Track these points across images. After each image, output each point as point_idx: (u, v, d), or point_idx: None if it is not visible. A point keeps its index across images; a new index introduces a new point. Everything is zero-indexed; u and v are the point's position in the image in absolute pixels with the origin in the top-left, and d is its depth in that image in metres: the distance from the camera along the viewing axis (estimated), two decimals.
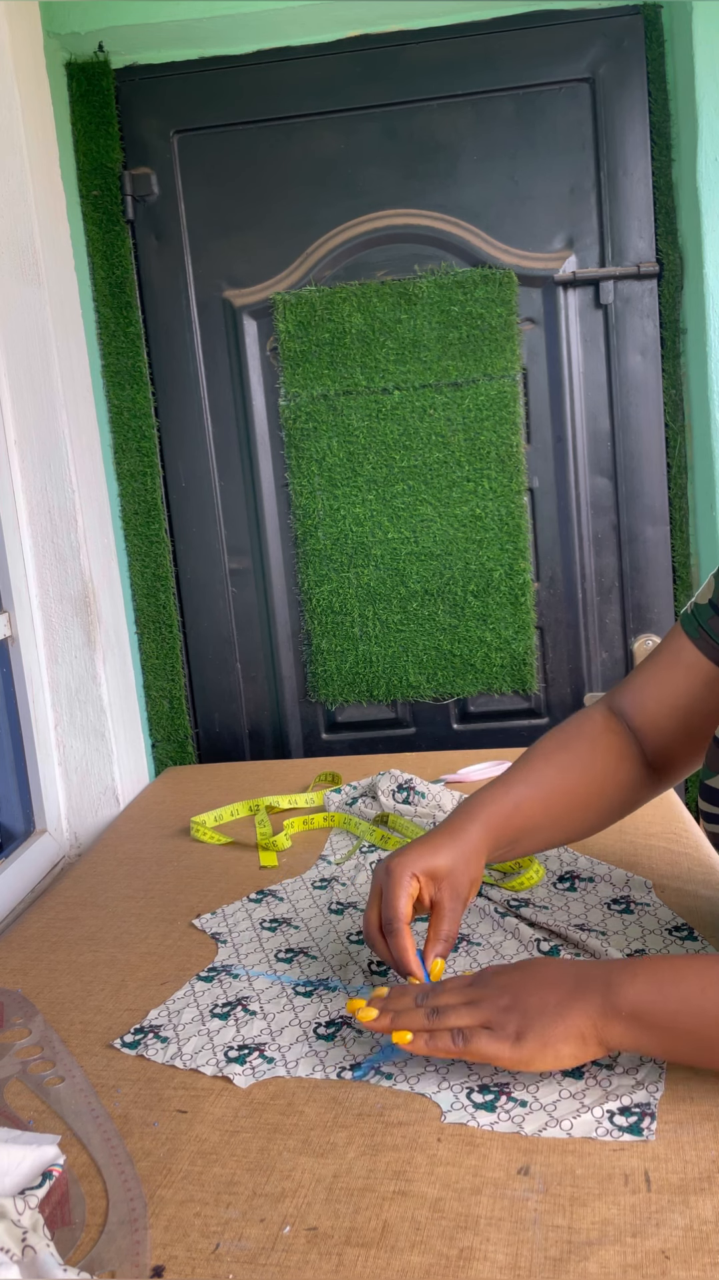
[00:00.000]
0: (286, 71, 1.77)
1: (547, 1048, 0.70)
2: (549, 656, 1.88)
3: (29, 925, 1.14)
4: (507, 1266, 0.58)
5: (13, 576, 1.55)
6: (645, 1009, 0.69)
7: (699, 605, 0.93)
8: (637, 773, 0.96)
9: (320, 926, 1.05)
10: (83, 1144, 0.72)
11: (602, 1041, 0.70)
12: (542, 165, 1.76)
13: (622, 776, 0.96)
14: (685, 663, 0.93)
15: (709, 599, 0.92)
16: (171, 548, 1.90)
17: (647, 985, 0.70)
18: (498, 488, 1.81)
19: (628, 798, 0.97)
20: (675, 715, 0.94)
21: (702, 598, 0.93)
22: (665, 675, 0.95)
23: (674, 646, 0.94)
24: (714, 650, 0.91)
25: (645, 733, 0.96)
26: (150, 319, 1.85)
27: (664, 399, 1.80)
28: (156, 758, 1.93)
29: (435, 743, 1.92)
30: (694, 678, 0.92)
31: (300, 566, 1.87)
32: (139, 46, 1.77)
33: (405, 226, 1.79)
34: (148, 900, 1.18)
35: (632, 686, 0.98)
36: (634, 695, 0.97)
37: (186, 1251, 0.61)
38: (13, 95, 1.48)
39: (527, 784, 0.93)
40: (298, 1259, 0.60)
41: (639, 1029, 0.69)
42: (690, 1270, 0.57)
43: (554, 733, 0.98)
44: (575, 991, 0.71)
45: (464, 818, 0.90)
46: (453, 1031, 0.72)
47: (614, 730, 0.96)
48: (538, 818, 0.92)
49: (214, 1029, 0.86)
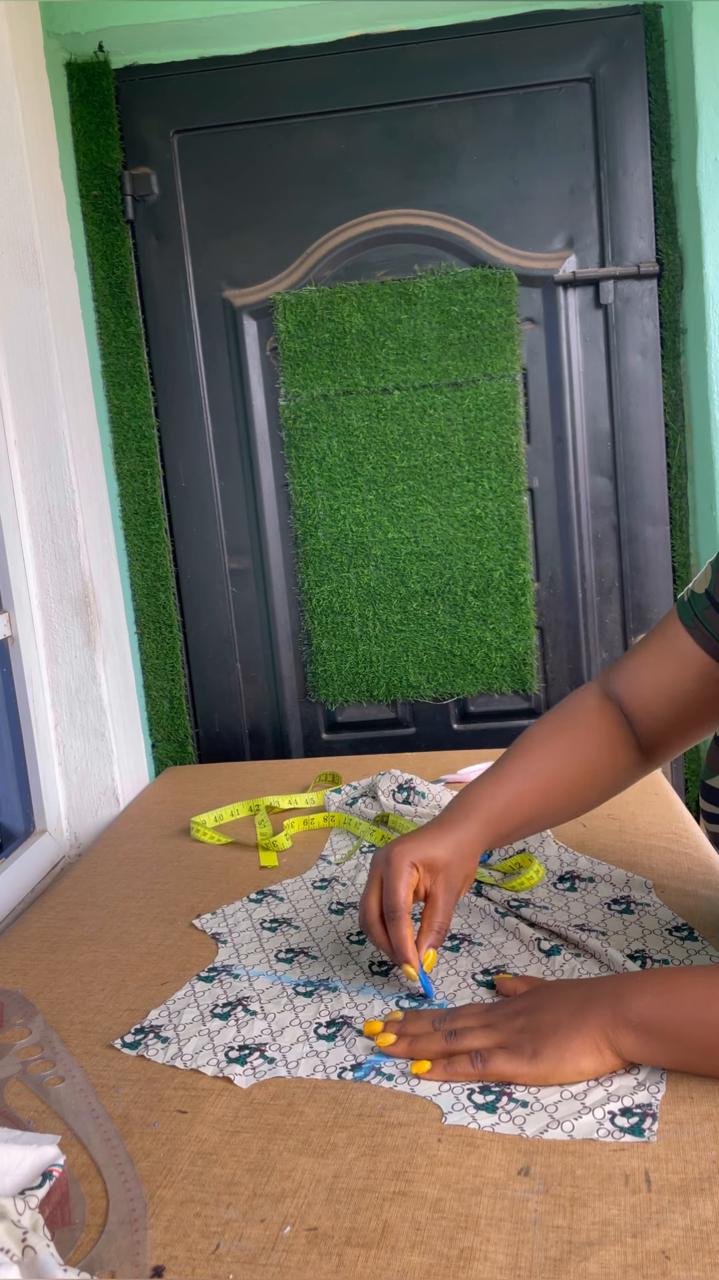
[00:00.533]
0: (286, 71, 1.77)
1: (564, 1062, 0.72)
2: (549, 656, 1.88)
3: (29, 925, 1.14)
4: (507, 1267, 0.58)
5: (13, 576, 1.55)
6: (653, 1021, 0.70)
7: (695, 594, 0.93)
8: (628, 756, 0.97)
9: (321, 927, 1.05)
10: (83, 1144, 0.72)
11: (616, 1052, 0.72)
12: (542, 165, 1.76)
13: (614, 759, 0.96)
14: (680, 650, 0.93)
15: (706, 589, 0.91)
16: (171, 548, 1.90)
17: (654, 998, 0.71)
18: (498, 488, 1.81)
19: (619, 779, 0.98)
20: (669, 701, 0.94)
21: (698, 586, 0.93)
22: (659, 661, 0.95)
23: (670, 633, 0.94)
24: (708, 640, 0.91)
25: (638, 716, 0.96)
26: (150, 319, 1.85)
27: (664, 399, 1.80)
28: (156, 758, 1.93)
29: (435, 743, 1.92)
30: (688, 665, 0.92)
31: (300, 566, 1.87)
32: (139, 46, 1.77)
33: (405, 226, 1.79)
34: (148, 900, 1.18)
35: (625, 669, 0.98)
36: (628, 679, 0.97)
37: (186, 1251, 0.61)
38: (13, 95, 1.48)
39: (524, 774, 0.94)
40: (298, 1259, 0.60)
41: (649, 1040, 0.71)
42: (691, 1270, 0.57)
43: (549, 717, 0.99)
44: (586, 1006, 0.73)
45: (462, 813, 0.91)
46: (471, 1055, 0.74)
47: (608, 714, 0.97)
48: (534, 809, 0.94)
49: (215, 1029, 0.86)
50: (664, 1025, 0.70)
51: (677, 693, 0.93)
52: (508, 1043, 0.74)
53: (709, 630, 0.91)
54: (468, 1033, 0.76)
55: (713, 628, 0.90)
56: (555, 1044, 0.72)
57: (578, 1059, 0.72)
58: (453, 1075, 0.74)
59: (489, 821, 0.91)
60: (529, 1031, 0.74)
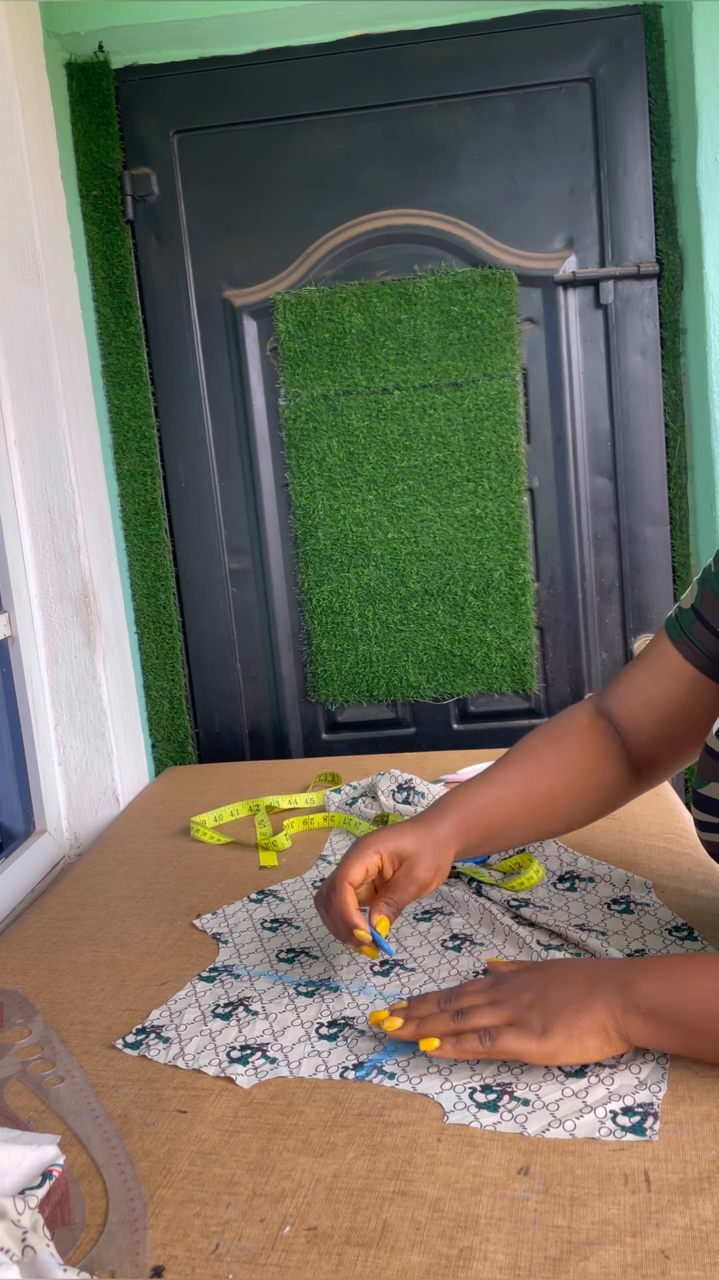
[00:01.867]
0: (286, 71, 1.77)
1: (572, 1040, 0.72)
2: (549, 656, 1.88)
3: (29, 925, 1.14)
4: (507, 1266, 0.58)
5: (13, 576, 1.55)
6: (660, 1006, 0.71)
7: (683, 610, 0.95)
8: (618, 773, 0.98)
9: (321, 927, 1.05)
10: (83, 1144, 0.72)
11: (623, 1036, 0.72)
12: (542, 165, 1.76)
13: (603, 776, 0.98)
14: (669, 667, 0.95)
15: (692, 604, 0.94)
16: (171, 548, 1.90)
17: (660, 984, 0.72)
18: (498, 488, 1.81)
19: (608, 797, 0.99)
20: (659, 718, 0.96)
21: (685, 602, 0.95)
22: (649, 678, 0.97)
23: (659, 650, 0.96)
24: (696, 655, 0.93)
25: (629, 734, 0.98)
26: (150, 319, 1.85)
27: (664, 399, 1.80)
28: (156, 758, 1.93)
29: (435, 743, 1.92)
30: (678, 682, 0.94)
31: (300, 566, 1.87)
32: (139, 46, 1.77)
33: (405, 226, 1.79)
34: (148, 900, 1.18)
35: (618, 687, 1.00)
36: (620, 696, 0.99)
37: (186, 1251, 0.61)
38: (13, 95, 1.48)
39: (507, 782, 0.95)
40: (298, 1259, 0.60)
41: (656, 1026, 0.71)
42: (690, 1270, 0.57)
43: (541, 730, 1.01)
44: (595, 987, 0.74)
45: (439, 811, 0.93)
46: (480, 1032, 0.74)
47: (599, 730, 0.98)
48: (514, 816, 0.95)
49: (216, 1029, 0.86)
50: (671, 1011, 0.71)
51: (667, 708, 0.95)
52: (516, 1019, 0.74)
53: (697, 645, 0.93)
54: (475, 1010, 0.76)
55: (700, 642, 0.92)
56: (564, 1021, 0.72)
57: (585, 1038, 0.72)
58: (462, 1053, 0.74)
59: (464, 820, 0.93)
60: (538, 1008, 0.74)
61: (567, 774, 0.96)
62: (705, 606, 0.92)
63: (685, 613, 0.94)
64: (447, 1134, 0.70)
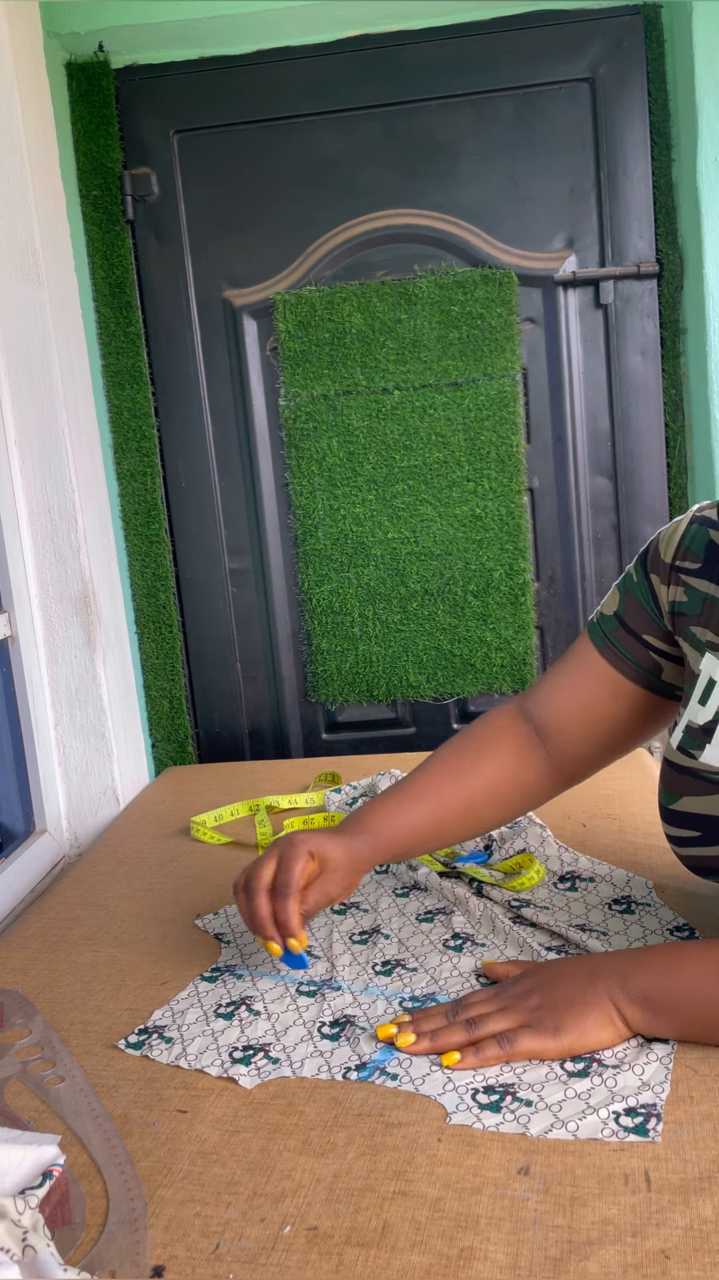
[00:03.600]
0: (286, 71, 1.77)
1: (586, 1034, 0.75)
2: (549, 656, 1.88)
3: (29, 925, 1.14)
4: (507, 1266, 0.58)
5: (13, 576, 1.55)
6: (656, 996, 0.75)
7: (604, 616, 0.97)
8: (538, 775, 1.00)
9: (322, 927, 1.05)
10: (83, 1144, 0.72)
11: (627, 1024, 0.76)
12: (542, 165, 1.76)
13: (522, 778, 1.00)
14: (592, 672, 0.97)
15: (614, 611, 0.96)
16: (171, 548, 1.90)
17: (657, 974, 0.76)
18: (498, 488, 1.81)
19: (529, 797, 1.01)
20: (584, 720, 0.98)
21: (607, 608, 0.97)
22: (573, 681, 0.99)
23: (582, 654, 0.98)
24: (622, 662, 0.95)
25: (552, 736, 1.00)
26: (150, 319, 1.85)
27: (664, 399, 1.80)
28: (156, 758, 1.93)
29: (435, 743, 1.91)
30: (601, 686, 0.96)
31: (300, 566, 1.87)
32: (139, 46, 1.77)
33: (405, 226, 1.79)
34: (148, 900, 1.18)
35: (541, 691, 1.02)
36: (542, 700, 1.01)
37: (186, 1251, 0.61)
38: (13, 95, 1.48)
39: (420, 798, 0.97)
40: (298, 1259, 0.60)
41: (653, 1014, 0.75)
42: (690, 1270, 0.57)
43: (456, 739, 1.03)
44: (594, 981, 0.77)
45: (358, 827, 0.95)
46: (498, 1037, 0.76)
47: (518, 732, 1.01)
48: (428, 830, 0.97)
49: (218, 1029, 0.86)
50: (666, 999, 0.75)
51: (591, 712, 0.97)
52: (529, 1021, 0.77)
53: (621, 652, 0.95)
54: (485, 1019, 0.78)
55: (625, 650, 0.94)
56: (574, 1017, 0.76)
57: (597, 1031, 0.75)
58: (484, 1061, 0.76)
59: (378, 842, 0.94)
60: (546, 1009, 0.77)
61: (484, 782, 0.98)
62: (630, 615, 0.94)
63: (608, 619, 0.96)
64: (447, 1134, 0.70)
